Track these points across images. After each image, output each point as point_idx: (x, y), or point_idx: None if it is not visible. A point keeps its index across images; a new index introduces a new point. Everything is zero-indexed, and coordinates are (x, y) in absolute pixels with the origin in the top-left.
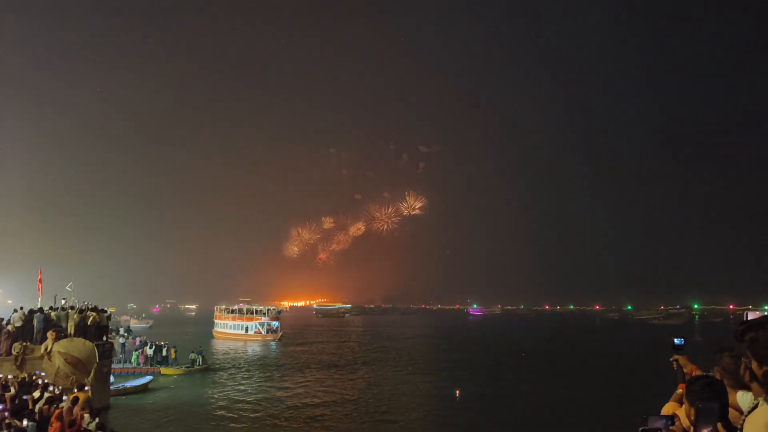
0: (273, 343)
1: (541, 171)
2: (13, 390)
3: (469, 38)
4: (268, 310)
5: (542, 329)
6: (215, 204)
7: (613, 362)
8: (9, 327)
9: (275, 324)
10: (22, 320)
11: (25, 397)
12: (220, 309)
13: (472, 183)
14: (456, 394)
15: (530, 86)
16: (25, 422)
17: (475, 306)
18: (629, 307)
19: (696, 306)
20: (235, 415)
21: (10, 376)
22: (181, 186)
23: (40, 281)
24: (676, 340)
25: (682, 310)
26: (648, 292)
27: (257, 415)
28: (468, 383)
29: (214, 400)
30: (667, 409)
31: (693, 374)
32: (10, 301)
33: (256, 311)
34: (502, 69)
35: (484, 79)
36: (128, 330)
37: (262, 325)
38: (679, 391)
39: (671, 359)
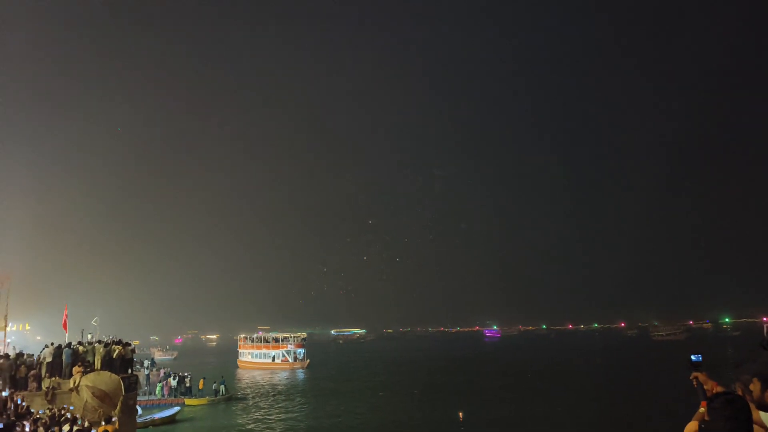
0: (300, 371)
1: (560, 189)
2: (44, 422)
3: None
4: (294, 337)
5: (550, 350)
6: (233, 236)
7: (623, 381)
8: (41, 362)
9: (301, 351)
10: (52, 355)
11: (53, 431)
12: (244, 338)
13: (489, 202)
14: (459, 416)
15: (543, 106)
16: None
17: (494, 328)
18: (656, 323)
19: (727, 320)
20: None
21: (41, 411)
22: (197, 222)
23: (66, 317)
24: (693, 357)
25: (709, 324)
26: (675, 307)
27: None
28: (471, 406)
29: (240, 430)
30: (690, 428)
31: (714, 391)
32: (39, 337)
33: (282, 339)
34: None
35: (497, 102)
36: (152, 362)
37: (288, 353)
38: (701, 409)
39: (690, 377)
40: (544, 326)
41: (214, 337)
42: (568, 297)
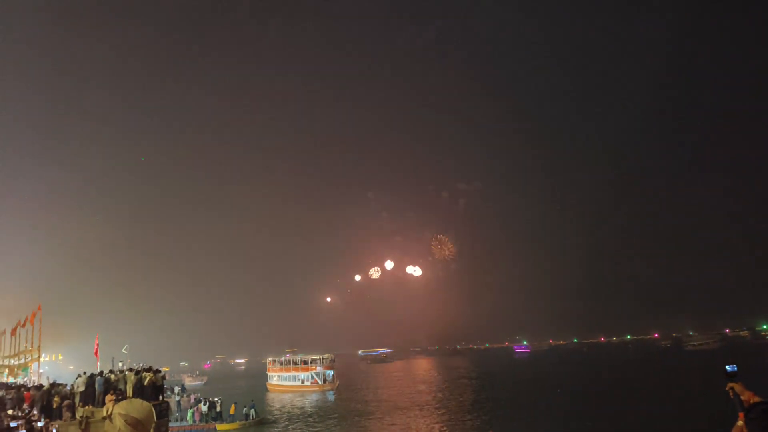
0: (330, 392)
1: (587, 198)
2: None
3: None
4: (322, 359)
5: (583, 364)
6: (253, 257)
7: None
8: (75, 391)
9: (330, 373)
10: (85, 384)
11: None
12: (273, 361)
13: (515, 216)
14: None
15: (565, 115)
16: None
17: (525, 343)
18: (690, 333)
19: (765, 327)
20: None
21: None
22: (216, 244)
23: (97, 346)
24: (728, 368)
25: (746, 332)
26: (712, 316)
27: None
28: (502, 422)
29: None
30: None
31: (751, 401)
32: (71, 367)
33: (311, 361)
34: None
35: (519, 112)
36: (183, 388)
37: (317, 374)
38: (740, 422)
39: (726, 388)
40: (576, 340)
41: (243, 361)
42: (599, 309)
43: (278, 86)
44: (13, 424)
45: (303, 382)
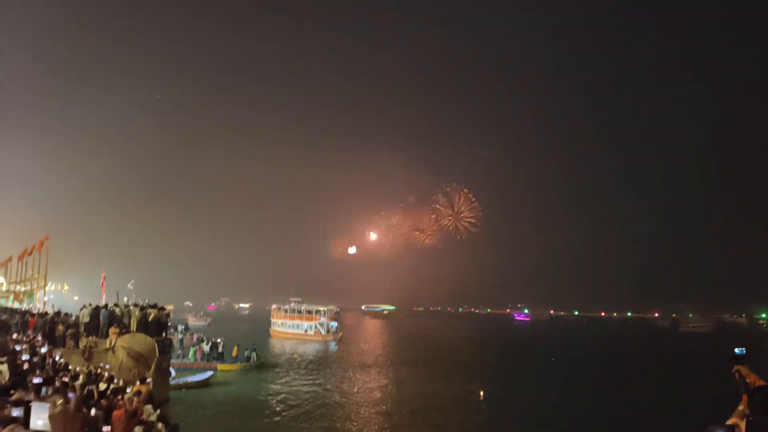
0: (333, 343)
1: (600, 173)
2: (82, 379)
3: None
4: (327, 310)
5: (580, 336)
6: (264, 203)
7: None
8: (79, 321)
9: (334, 324)
10: (90, 316)
11: (90, 388)
12: (278, 308)
13: (527, 186)
14: (480, 395)
15: (589, 86)
16: (93, 411)
17: (526, 311)
18: (690, 314)
19: (764, 315)
20: (291, 409)
21: (78, 368)
22: (229, 187)
23: (103, 279)
24: (736, 350)
25: (744, 319)
26: (713, 299)
27: (308, 408)
28: (493, 385)
29: (270, 395)
30: (732, 422)
31: (756, 384)
32: (76, 298)
33: (315, 311)
34: (559, 69)
35: (540, 78)
36: (186, 327)
37: (321, 325)
38: (740, 407)
39: (733, 370)
40: (576, 312)
41: (247, 305)
42: (602, 284)
43: (304, 35)
44: (17, 348)
45: (306, 331)
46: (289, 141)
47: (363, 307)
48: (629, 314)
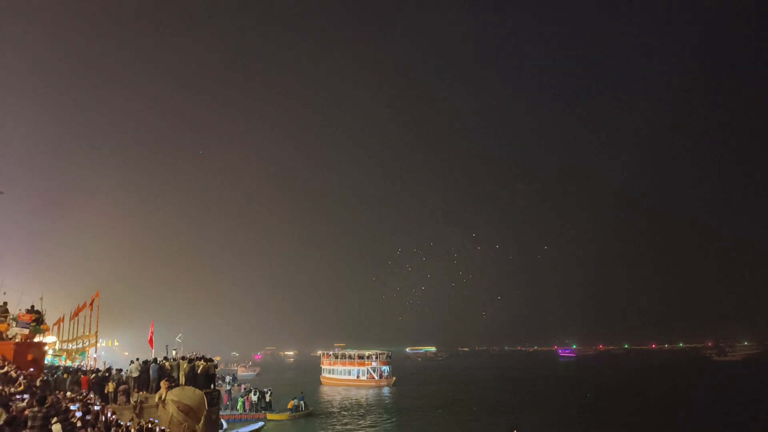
0: (386, 388)
1: (640, 198)
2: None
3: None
4: (378, 354)
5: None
6: (307, 257)
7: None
8: (129, 377)
9: (386, 369)
10: (139, 370)
11: None
12: (327, 354)
13: (569, 217)
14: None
15: (625, 116)
16: None
17: (574, 347)
18: (746, 343)
19: None
20: None
21: (128, 423)
22: (269, 243)
23: (152, 333)
24: None
25: None
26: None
27: None
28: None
29: None
30: None
31: None
32: (126, 353)
33: (367, 356)
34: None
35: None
36: (234, 378)
37: (374, 370)
38: None
39: None
40: (627, 345)
41: (292, 353)
42: (654, 315)
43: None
44: (73, 407)
45: (358, 376)
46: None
47: (407, 350)
48: (681, 344)
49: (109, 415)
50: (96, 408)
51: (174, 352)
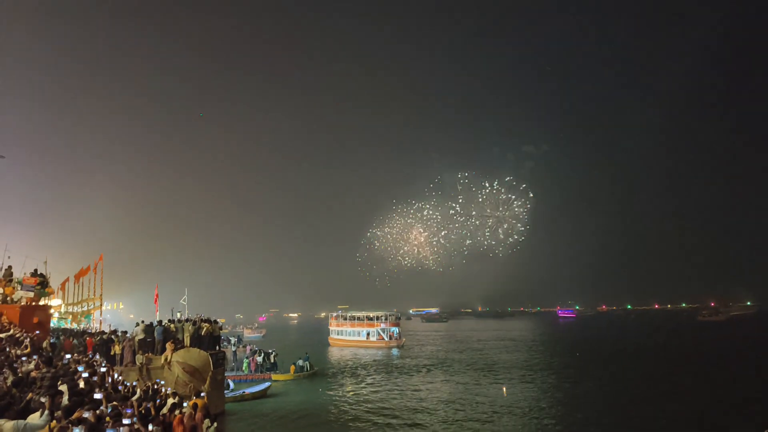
0: (395, 349)
1: (652, 165)
2: (139, 392)
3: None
4: (387, 315)
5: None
6: (309, 214)
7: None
8: (134, 339)
9: (395, 330)
10: (144, 332)
11: (148, 405)
12: (336, 316)
13: (578, 181)
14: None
15: (632, 85)
16: (150, 427)
17: (577, 307)
18: (749, 303)
19: None
20: (350, 417)
21: (134, 383)
22: (274, 208)
23: (156, 296)
24: None
25: None
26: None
27: (373, 415)
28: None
29: (329, 403)
30: None
31: None
32: (132, 316)
33: (376, 318)
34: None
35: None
36: (239, 339)
37: (383, 331)
38: None
39: None
40: (629, 306)
41: (295, 315)
42: (657, 276)
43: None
44: (80, 368)
45: (368, 337)
46: (338, 150)
47: (411, 311)
48: (683, 305)
49: (115, 376)
50: (102, 370)
51: (179, 314)
